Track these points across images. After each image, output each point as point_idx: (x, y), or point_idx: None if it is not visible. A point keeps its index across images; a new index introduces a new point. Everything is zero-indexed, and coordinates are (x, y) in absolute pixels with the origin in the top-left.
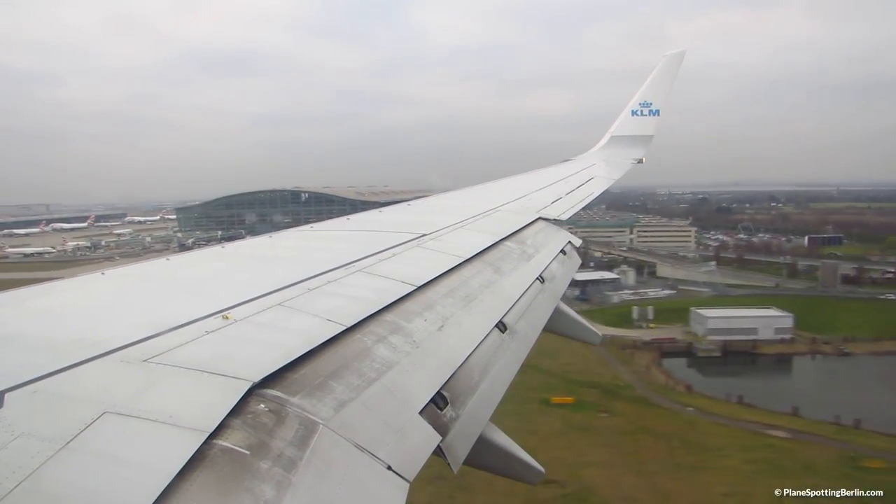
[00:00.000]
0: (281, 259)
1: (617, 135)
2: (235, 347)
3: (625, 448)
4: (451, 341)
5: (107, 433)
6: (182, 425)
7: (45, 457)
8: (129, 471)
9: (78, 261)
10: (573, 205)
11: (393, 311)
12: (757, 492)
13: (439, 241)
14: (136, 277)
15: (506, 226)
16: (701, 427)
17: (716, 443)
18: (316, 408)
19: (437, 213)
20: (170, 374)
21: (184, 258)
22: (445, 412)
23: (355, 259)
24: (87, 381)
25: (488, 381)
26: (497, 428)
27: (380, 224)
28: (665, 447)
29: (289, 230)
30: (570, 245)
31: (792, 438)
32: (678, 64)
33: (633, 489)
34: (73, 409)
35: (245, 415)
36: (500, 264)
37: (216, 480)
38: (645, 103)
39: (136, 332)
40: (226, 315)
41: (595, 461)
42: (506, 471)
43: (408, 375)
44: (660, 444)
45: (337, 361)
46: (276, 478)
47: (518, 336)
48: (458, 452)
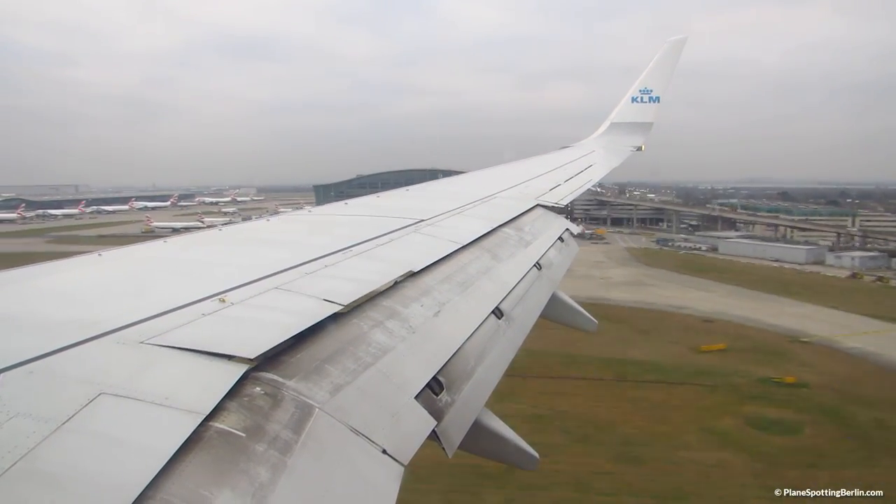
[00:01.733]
0: (279, 243)
1: (617, 122)
2: (232, 330)
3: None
4: (447, 327)
5: (103, 414)
6: (178, 407)
7: (41, 437)
8: (125, 452)
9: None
10: (572, 191)
11: (390, 296)
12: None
13: (437, 227)
14: (133, 259)
15: (504, 212)
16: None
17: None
18: (312, 391)
19: (435, 198)
20: (166, 356)
21: (181, 240)
22: (441, 397)
23: (353, 243)
24: (83, 362)
25: (484, 367)
26: (492, 413)
27: (378, 209)
28: None
29: (286, 214)
30: (568, 232)
31: None
32: (679, 51)
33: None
34: (70, 389)
35: (241, 397)
36: (498, 251)
37: (212, 462)
38: (645, 90)
39: (133, 314)
40: (222, 298)
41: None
42: (501, 456)
43: (404, 360)
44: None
45: (333, 346)
46: (271, 460)
47: (514, 322)
48: (453, 437)
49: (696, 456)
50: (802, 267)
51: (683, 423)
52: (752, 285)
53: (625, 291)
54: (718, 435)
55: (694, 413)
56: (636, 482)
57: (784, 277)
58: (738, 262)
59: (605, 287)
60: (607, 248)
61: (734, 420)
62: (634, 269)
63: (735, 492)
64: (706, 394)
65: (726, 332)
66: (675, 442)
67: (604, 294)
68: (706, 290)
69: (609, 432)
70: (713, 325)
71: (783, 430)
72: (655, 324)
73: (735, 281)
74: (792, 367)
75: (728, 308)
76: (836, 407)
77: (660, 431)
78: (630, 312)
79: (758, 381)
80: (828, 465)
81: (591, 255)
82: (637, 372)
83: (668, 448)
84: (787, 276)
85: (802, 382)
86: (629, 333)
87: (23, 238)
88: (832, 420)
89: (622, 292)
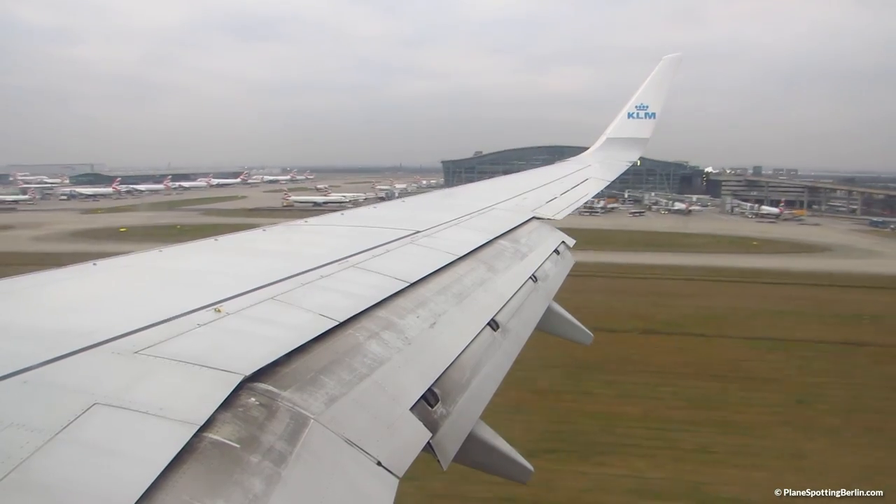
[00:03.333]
0: (274, 253)
1: (613, 137)
2: (227, 340)
3: None
4: (442, 339)
5: (97, 424)
6: (172, 418)
7: (35, 447)
8: (118, 462)
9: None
10: (568, 205)
11: (385, 308)
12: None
13: (433, 238)
14: (129, 268)
15: (500, 224)
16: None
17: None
18: (307, 402)
19: (431, 209)
20: (161, 367)
21: (176, 250)
22: (436, 409)
23: (349, 254)
24: (77, 371)
25: (479, 379)
26: (487, 426)
27: (374, 220)
28: None
29: (282, 224)
30: (564, 245)
31: None
32: (675, 68)
33: None
34: (63, 399)
35: (236, 408)
36: (494, 262)
37: (206, 473)
38: (641, 106)
39: (128, 324)
40: (218, 308)
41: None
42: (495, 469)
43: (399, 372)
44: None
45: (329, 356)
46: (265, 472)
47: (510, 335)
48: (447, 449)
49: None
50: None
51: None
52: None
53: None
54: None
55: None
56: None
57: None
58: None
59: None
60: (829, 231)
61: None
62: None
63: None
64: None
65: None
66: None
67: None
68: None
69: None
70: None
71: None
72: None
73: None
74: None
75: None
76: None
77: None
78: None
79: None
80: None
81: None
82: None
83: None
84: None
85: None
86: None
87: (174, 210)
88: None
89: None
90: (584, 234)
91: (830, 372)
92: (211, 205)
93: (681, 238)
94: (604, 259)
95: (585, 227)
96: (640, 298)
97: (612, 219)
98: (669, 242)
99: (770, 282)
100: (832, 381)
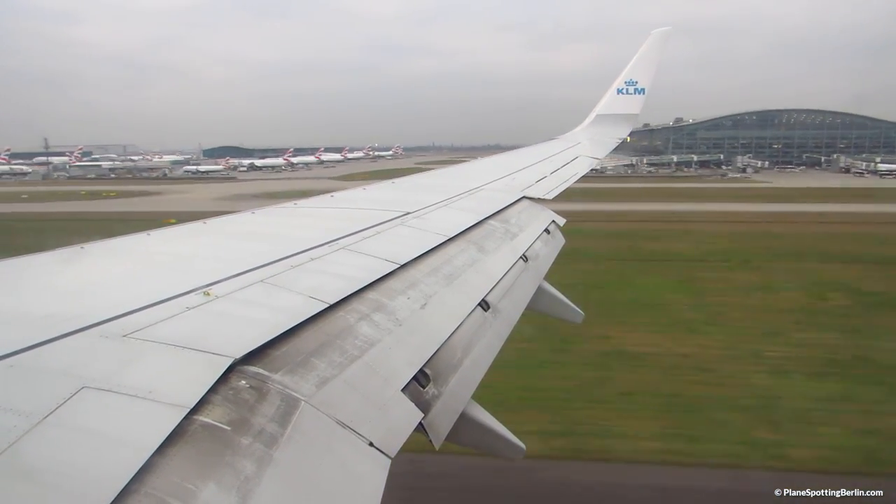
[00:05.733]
0: (264, 235)
1: (602, 113)
2: (217, 324)
3: None
4: (433, 319)
5: (85, 408)
6: (162, 401)
7: (22, 431)
8: (108, 446)
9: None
10: (558, 184)
11: (376, 289)
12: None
13: (423, 220)
14: (117, 252)
15: (490, 204)
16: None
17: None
18: (298, 384)
19: (421, 191)
20: (150, 350)
21: (165, 233)
22: (427, 389)
23: (339, 236)
24: (65, 355)
25: (470, 359)
26: (479, 405)
27: (364, 202)
28: None
29: (273, 206)
30: (554, 224)
31: None
32: (664, 43)
33: None
34: (51, 383)
35: (226, 391)
36: (484, 243)
37: (196, 456)
38: (630, 81)
39: (117, 307)
40: (207, 291)
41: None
42: (488, 447)
43: (390, 353)
44: None
45: (319, 339)
46: (256, 453)
47: (501, 314)
48: (439, 429)
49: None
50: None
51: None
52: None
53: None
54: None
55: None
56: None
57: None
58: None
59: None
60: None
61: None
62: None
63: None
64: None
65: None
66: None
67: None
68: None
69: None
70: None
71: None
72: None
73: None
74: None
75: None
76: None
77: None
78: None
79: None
80: None
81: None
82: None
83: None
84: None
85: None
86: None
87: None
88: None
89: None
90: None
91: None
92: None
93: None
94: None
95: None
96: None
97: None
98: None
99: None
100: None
